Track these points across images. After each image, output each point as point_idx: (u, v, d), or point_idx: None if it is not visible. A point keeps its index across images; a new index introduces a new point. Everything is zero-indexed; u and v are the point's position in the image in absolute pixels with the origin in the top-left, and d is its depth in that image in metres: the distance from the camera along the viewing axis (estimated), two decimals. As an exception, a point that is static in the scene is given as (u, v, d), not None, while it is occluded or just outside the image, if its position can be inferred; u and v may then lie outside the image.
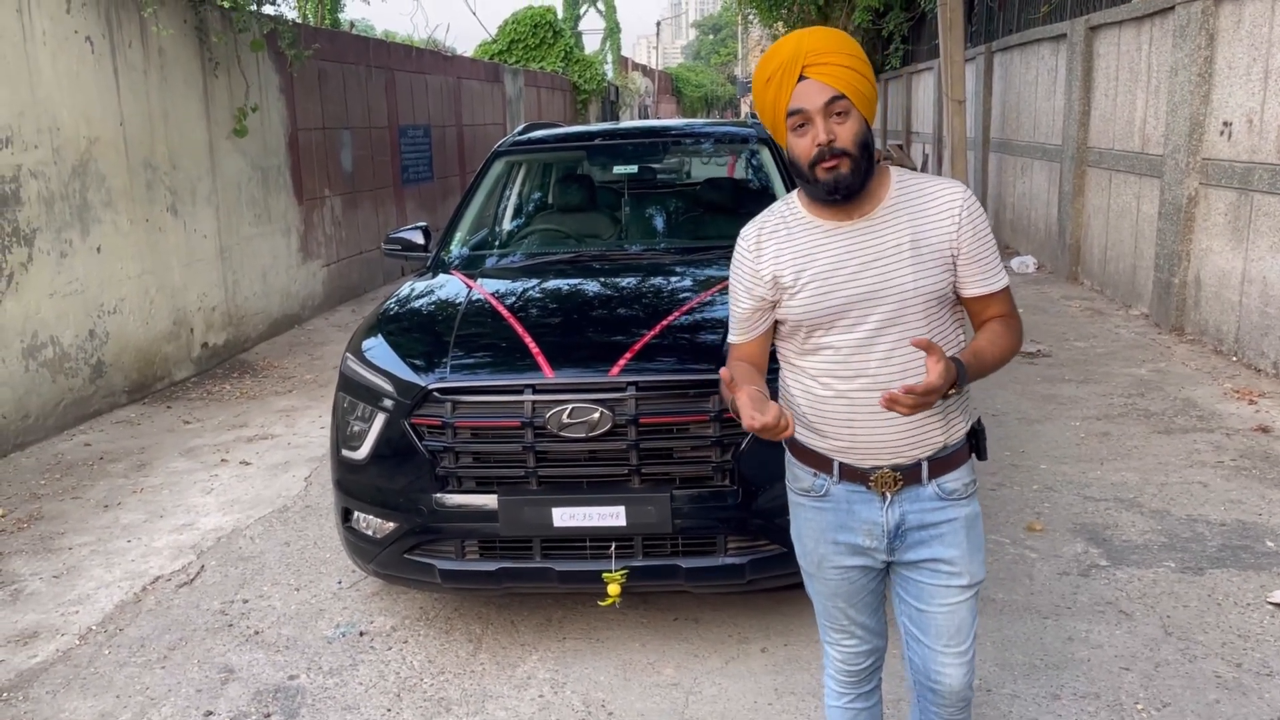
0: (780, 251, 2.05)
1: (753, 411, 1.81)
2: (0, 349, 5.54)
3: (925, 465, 2.04)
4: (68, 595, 3.97)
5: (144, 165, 6.81)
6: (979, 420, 2.16)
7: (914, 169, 16.58)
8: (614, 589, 3.09)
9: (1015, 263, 10.79)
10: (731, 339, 2.17)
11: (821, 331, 2.02)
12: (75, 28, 6.13)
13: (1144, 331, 7.55)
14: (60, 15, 6.00)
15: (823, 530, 2.13)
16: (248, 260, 8.26)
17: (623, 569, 3.12)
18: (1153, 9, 7.80)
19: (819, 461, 2.10)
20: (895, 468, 2.04)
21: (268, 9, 8.33)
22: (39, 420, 5.83)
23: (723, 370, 1.88)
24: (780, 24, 20.94)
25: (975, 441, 2.13)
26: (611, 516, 3.10)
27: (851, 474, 2.07)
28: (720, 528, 3.13)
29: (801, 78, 1.93)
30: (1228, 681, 3.06)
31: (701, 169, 6.88)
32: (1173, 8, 7.39)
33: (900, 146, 17.95)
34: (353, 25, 15.20)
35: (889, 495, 2.05)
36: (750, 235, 2.12)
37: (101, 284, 6.36)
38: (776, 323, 2.11)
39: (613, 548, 3.15)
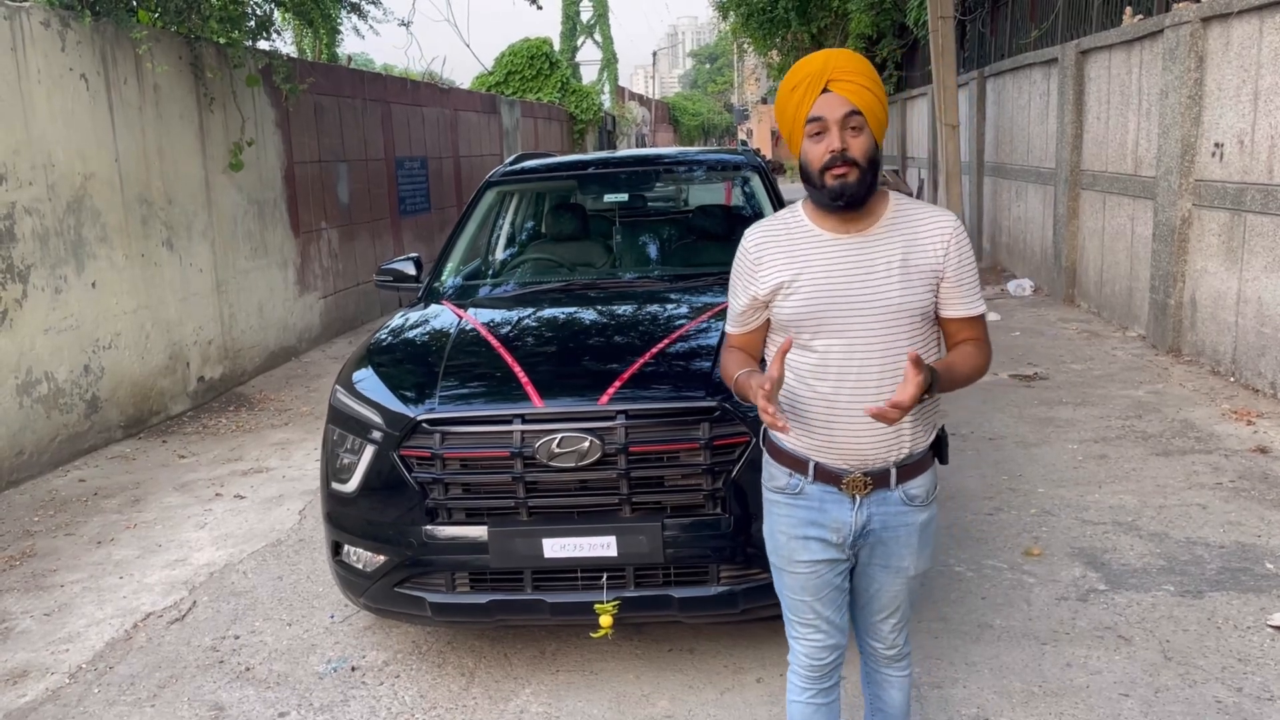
0: (779, 256, 2.20)
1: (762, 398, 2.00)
2: (-6, 385, 5.54)
3: (894, 471, 2.19)
4: (58, 633, 3.94)
5: (139, 201, 6.83)
6: (943, 428, 2.31)
7: (909, 194, 16.65)
8: (606, 620, 3.06)
9: (1012, 286, 10.80)
10: (728, 329, 2.35)
11: (809, 334, 2.16)
12: (70, 65, 6.17)
13: (1141, 353, 7.54)
14: (55, 53, 6.04)
15: (794, 526, 2.27)
16: (244, 294, 8.27)
17: (615, 600, 3.09)
18: (1142, 32, 7.85)
19: (795, 463, 2.24)
20: (866, 472, 2.18)
21: (263, 44, 8.39)
22: (33, 457, 5.81)
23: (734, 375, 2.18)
24: (775, 52, 21.10)
25: (938, 447, 2.29)
26: (602, 547, 3.07)
27: (826, 475, 2.21)
28: (713, 557, 3.11)
29: (825, 90, 2.09)
30: (1228, 707, 3.02)
31: (694, 196, 6.89)
32: (1161, 31, 7.43)
33: (895, 172, 18.03)
34: (350, 59, 15.31)
35: (859, 498, 2.20)
36: (753, 238, 2.26)
37: (96, 319, 6.36)
38: (769, 320, 2.26)
39: (604, 578, 3.12)
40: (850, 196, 2.10)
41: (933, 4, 12.05)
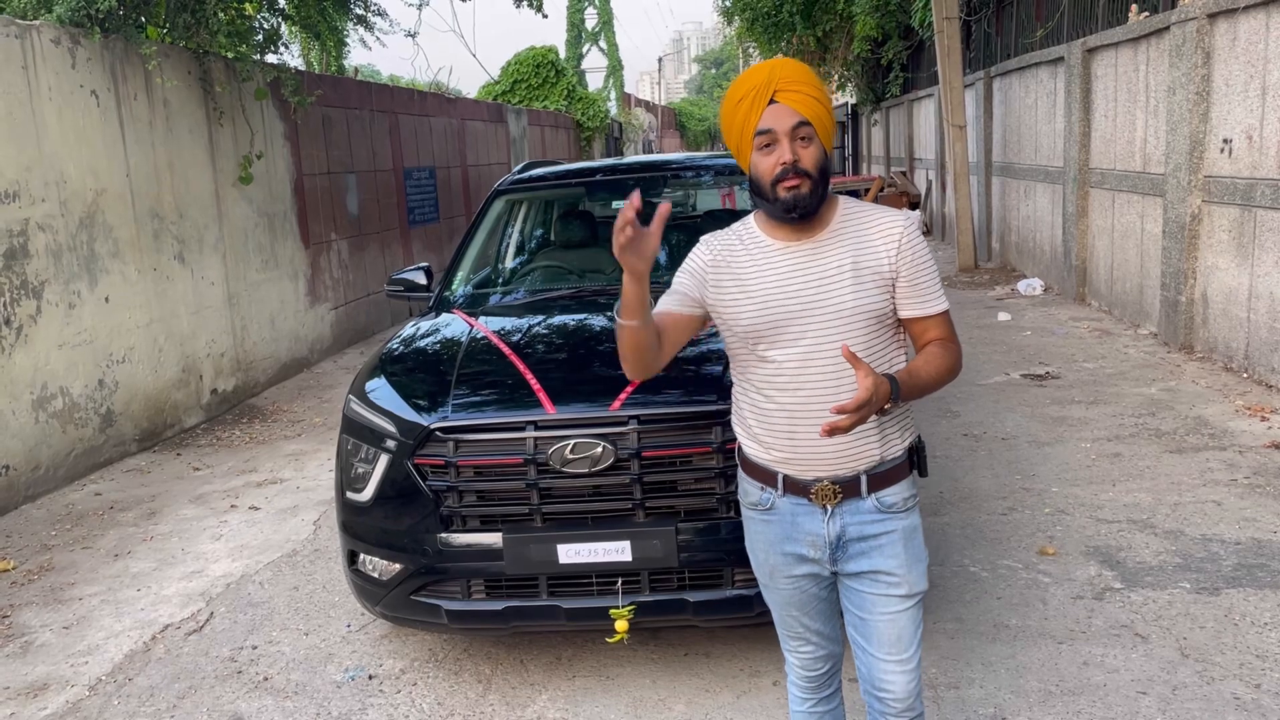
0: (731, 265, 2.18)
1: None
2: (10, 401, 5.58)
3: (864, 479, 2.15)
4: (77, 646, 3.97)
5: (151, 215, 6.88)
6: (919, 437, 2.26)
7: (918, 195, 16.56)
8: (622, 625, 3.07)
9: (1022, 285, 10.77)
10: (660, 303, 2.24)
11: (765, 345, 2.14)
12: (80, 82, 6.22)
13: (1153, 350, 7.51)
14: (65, 70, 6.09)
15: (771, 542, 2.25)
16: (256, 306, 8.32)
17: (630, 604, 3.09)
18: (1148, 30, 7.84)
19: (765, 476, 2.22)
20: (835, 480, 2.14)
21: (270, 58, 8.44)
22: (49, 471, 5.85)
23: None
24: (780, 56, 21.13)
25: (915, 458, 2.23)
26: (617, 551, 3.08)
27: (794, 487, 2.17)
28: (727, 560, 3.11)
29: (772, 101, 2.07)
30: (1246, 703, 3.01)
31: (701, 201, 6.91)
32: (1168, 28, 7.42)
33: (904, 173, 18.01)
34: (357, 71, 15.39)
35: (829, 507, 2.16)
36: (708, 243, 2.25)
37: (110, 334, 6.41)
38: (725, 335, 2.24)
39: (619, 583, 3.13)
40: (804, 208, 2.07)
41: (938, 5, 12.06)
